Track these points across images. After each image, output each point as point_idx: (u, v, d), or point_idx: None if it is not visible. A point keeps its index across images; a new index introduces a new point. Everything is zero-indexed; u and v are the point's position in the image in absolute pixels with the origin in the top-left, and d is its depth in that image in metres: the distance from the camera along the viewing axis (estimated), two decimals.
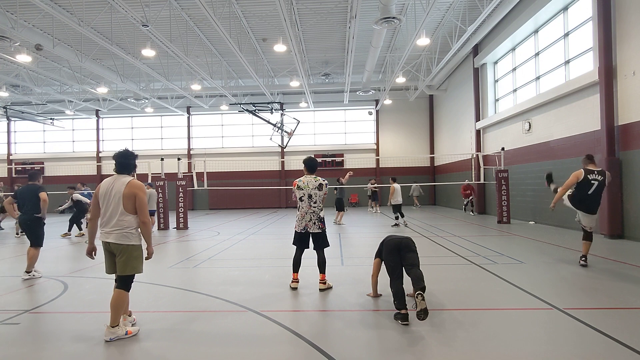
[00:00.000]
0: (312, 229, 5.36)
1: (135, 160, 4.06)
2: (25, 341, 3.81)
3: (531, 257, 7.45)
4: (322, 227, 5.41)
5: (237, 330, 3.99)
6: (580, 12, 11.46)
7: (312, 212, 5.36)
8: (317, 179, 5.44)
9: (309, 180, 5.43)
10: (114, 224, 3.82)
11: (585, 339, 3.62)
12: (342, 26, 16.05)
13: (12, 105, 25.28)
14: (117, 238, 3.82)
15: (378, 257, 4.75)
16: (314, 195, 5.36)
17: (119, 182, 3.88)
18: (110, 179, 3.96)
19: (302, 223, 5.39)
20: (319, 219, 5.40)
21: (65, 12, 13.26)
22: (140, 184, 3.94)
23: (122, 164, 3.96)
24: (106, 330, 3.78)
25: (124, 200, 3.81)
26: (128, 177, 3.94)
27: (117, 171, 3.97)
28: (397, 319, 4.11)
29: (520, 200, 14.29)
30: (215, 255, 8.46)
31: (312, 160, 5.57)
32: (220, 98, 25.31)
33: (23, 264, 7.84)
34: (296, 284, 5.47)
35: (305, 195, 5.38)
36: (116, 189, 3.84)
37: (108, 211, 3.85)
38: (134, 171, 4.07)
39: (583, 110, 11.03)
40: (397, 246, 4.40)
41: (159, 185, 14.03)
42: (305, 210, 5.38)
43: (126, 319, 4.05)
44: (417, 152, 26.72)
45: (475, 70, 18.23)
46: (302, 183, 5.43)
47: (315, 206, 5.37)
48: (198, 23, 15.41)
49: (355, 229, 12.99)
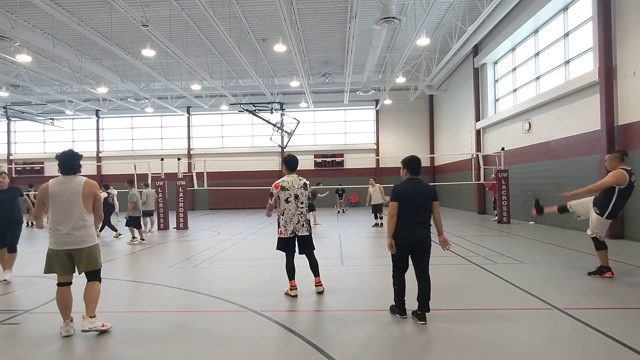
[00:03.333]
0: (301, 232, 5.01)
1: (80, 161, 4.04)
2: (25, 341, 3.81)
3: (531, 257, 7.45)
4: (309, 230, 5.11)
5: (237, 330, 3.99)
6: (580, 12, 11.46)
7: (300, 214, 5.01)
8: (301, 178, 5.12)
9: (293, 179, 5.06)
10: (73, 227, 3.78)
11: (585, 339, 3.61)
12: (342, 26, 16.05)
13: (12, 105, 25.26)
14: (80, 242, 3.81)
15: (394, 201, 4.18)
16: (301, 195, 5.02)
17: (73, 182, 3.85)
18: (59, 179, 3.91)
19: (290, 227, 4.98)
20: (307, 221, 5.09)
21: (65, 12, 13.26)
22: (95, 182, 3.99)
23: (68, 165, 3.92)
24: (84, 321, 3.81)
25: (84, 200, 3.80)
26: (82, 177, 3.94)
27: (63, 172, 3.92)
28: (394, 313, 4.29)
29: (520, 200, 14.29)
30: (215, 255, 8.45)
31: (292, 157, 5.17)
32: (220, 98, 25.30)
33: (23, 264, 7.85)
34: (295, 291, 5.09)
35: (291, 196, 4.98)
36: (72, 189, 3.81)
37: (64, 213, 3.79)
38: (79, 171, 4.03)
39: (583, 110, 11.03)
40: (414, 244, 4.07)
41: (158, 185, 14.03)
42: (293, 212, 4.98)
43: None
44: (417, 152, 26.61)
45: (475, 70, 18.23)
46: (286, 183, 5.01)
47: (302, 207, 5.03)
48: (198, 23, 15.40)
49: (356, 229, 12.99)
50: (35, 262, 8.01)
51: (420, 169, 4.22)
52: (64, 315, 3.88)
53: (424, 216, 4.08)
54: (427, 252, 4.10)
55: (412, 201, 4.05)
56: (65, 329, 3.84)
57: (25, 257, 8.66)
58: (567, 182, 11.37)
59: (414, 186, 4.11)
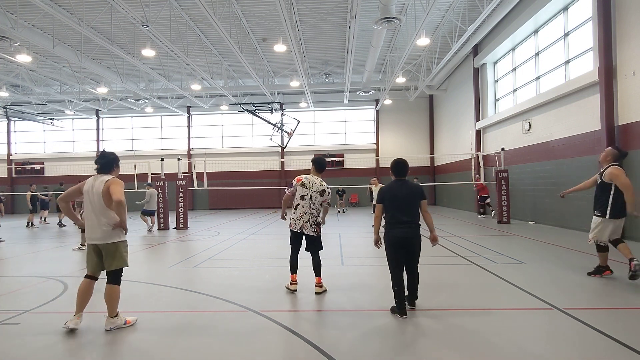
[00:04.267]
0: (308, 231, 5.23)
1: (111, 160, 4.19)
2: (25, 341, 3.81)
3: (531, 257, 7.44)
4: (317, 231, 5.29)
5: (236, 330, 3.99)
6: (580, 12, 11.46)
7: (310, 214, 5.21)
8: (323, 183, 5.28)
9: (315, 181, 5.25)
10: (98, 222, 4.01)
11: (585, 339, 3.61)
12: (342, 26, 16.05)
13: (12, 105, 25.26)
14: (104, 237, 3.99)
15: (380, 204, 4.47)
16: (315, 198, 5.21)
17: (99, 180, 4.09)
18: (94, 176, 4.18)
19: (299, 222, 5.22)
20: (316, 223, 5.29)
21: (65, 12, 13.25)
22: (117, 180, 4.11)
23: (99, 164, 4.17)
24: (106, 320, 3.99)
25: (104, 198, 4.01)
26: (107, 176, 4.13)
27: (97, 171, 4.20)
28: (394, 313, 4.33)
29: (520, 200, 14.29)
30: (215, 255, 8.45)
31: (322, 160, 5.40)
32: (220, 98, 25.30)
33: (23, 264, 7.86)
34: (295, 286, 5.29)
35: (307, 195, 5.20)
36: (97, 187, 4.05)
37: (91, 209, 4.04)
38: (113, 171, 4.21)
39: (583, 110, 11.03)
40: (402, 243, 4.29)
41: (158, 185, 14.03)
42: (305, 210, 5.20)
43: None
44: (417, 152, 26.71)
45: (475, 70, 18.23)
46: (307, 181, 5.23)
47: (314, 209, 5.23)
48: (198, 23, 15.40)
49: (356, 229, 12.99)
50: (35, 262, 8.02)
51: (406, 170, 4.48)
52: (77, 308, 4.01)
53: (412, 215, 4.29)
54: (416, 250, 4.35)
55: (398, 201, 4.31)
56: (71, 321, 3.94)
57: (26, 257, 8.67)
58: (567, 182, 11.35)
59: (399, 187, 4.38)
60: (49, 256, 8.70)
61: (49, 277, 6.45)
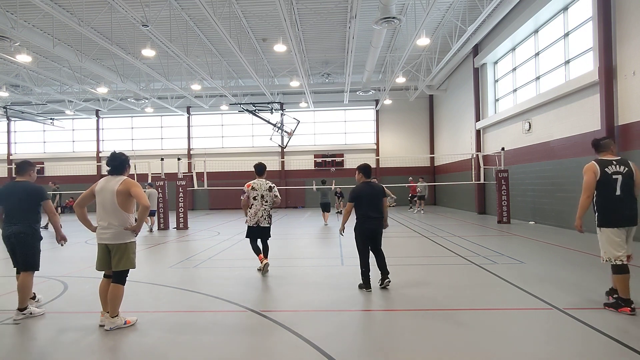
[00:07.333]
0: (263, 224, 6.42)
1: (122, 162, 4.22)
2: (25, 341, 3.81)
3: (531, 257, 7.44)
4: (269, 222, 6.51)
5: (236, 330, 3.99)
6: (580, 12, 11.46)
7: (264, 210, 6.40)
8: (268, 182, 6.53)
9: (261, 183, 6.47)
10: (109, 223, 4.04)
11: (585, 339, 3.62)
12: (342, 26, 16.05)
13: (12, 105, 25.25)
14: (113, 238, 4.03)
15: (351, 202, 5.48)
16: (266, 195, 6.42)
17: (113, 181, 4.10)
18: (106, 177, 4.20)
19: (254, 219, 6.37)
20: (269, 215, 6.50)
21: (65, 12, 13.25)
22: (133, 181, 4.16)
23: (110, 166, 4.18)
24: (107, 320, 3.99)
25: (118, 198, 4.02)
26: (122, 177, 4.15)
27: (109, 172, 4.22)
28: (361, 289, 5.27)
29: (520, 200, 14.29)
30: (216, 255, 8.45)
31: (260, 165, 6.65)
32: (220, 98, 25.29)
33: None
34: (265, 260, 6.38)
35: (258, 196, 6.40)
36: (110, 188, 4.05)
37: (102, 209, 4.06)
38: (124, 172, 4.24)
39: (583, 110, 11.03)
40: (372, 235, 5.37)
41: (158, 185, 14.03)
42: (258, 208, 6.38)
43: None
44: (417, 152, 26.71)
45: (475, 70, 18.23)
46: (256, 185, 6.44)
47: (266, 205, 6.42)
48: (198, 23, 15.40)
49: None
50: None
51: (371, 172, 5.63)
52: (103, 306, 4.12)
53: (378, 210, 5.34)
54: (380, 236, 5.48)
55: (368, 199, 5.31)
56: (100, 318, 4.12)
57: None
58: (567, 182, 11.37)
59: (368, 187, 5.39)
60: (49, 256, 8.69)
61: (49, 277, 6.45)
